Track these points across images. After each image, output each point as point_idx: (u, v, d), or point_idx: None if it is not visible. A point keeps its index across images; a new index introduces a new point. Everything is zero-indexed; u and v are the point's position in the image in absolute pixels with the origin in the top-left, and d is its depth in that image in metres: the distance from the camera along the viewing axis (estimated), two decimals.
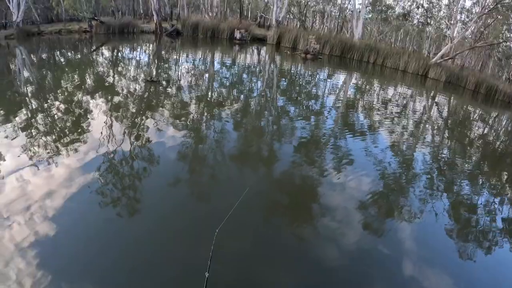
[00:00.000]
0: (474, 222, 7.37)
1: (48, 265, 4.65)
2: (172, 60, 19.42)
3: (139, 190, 6.68)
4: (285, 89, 15.79)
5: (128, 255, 5.14)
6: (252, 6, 45.86)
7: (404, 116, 13.83)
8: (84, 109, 10.11)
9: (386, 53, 24.89)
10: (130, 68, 16.42)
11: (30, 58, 17.15)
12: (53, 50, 19.36)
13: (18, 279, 4.37)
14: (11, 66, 15.38)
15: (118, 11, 33.40)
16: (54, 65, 16.04)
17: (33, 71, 14.51)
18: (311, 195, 7.28)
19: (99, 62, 17.01)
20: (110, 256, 5.07)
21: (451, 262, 6.12)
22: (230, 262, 5.13)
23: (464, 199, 8.22)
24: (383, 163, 9.06)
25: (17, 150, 7.48)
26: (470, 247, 6.54)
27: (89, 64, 16.43)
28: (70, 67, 15.67)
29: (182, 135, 9.07)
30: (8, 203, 5.78)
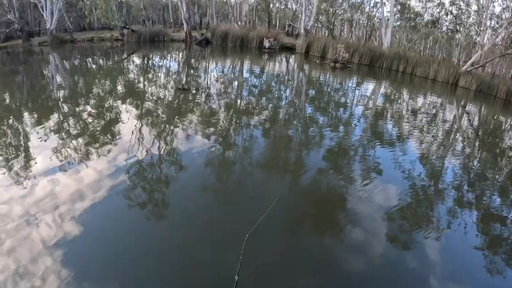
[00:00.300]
0: (505, 237, 6.85)
1: (73, 264, 4.64)
2: (202, 68, 19.35)
3: (166, 195, 6.61)
4: (314, 97, 15.46)
5: (155, 258, 5.06)
6: (280, 15, 45.83)
7: (433, 126, 13.29)
8: (115, 114, 10.03)
9: (415, 61, 24.07)
10: (160, 75, 16.42)
11: (63, 64, 17.39)
12: (85, 57, 19.62)
13: (43, 276, 4.39)
14: (45, 71, 15.61)
15: (149, 20, 33.89)
16: (86, 71, 16.18)
17: (65, 76, 14.66)
18: (338, 205, 7.05)
19: (130, 69, 17.09)
20: (136, 259, 5.00)
21: (479, 279, 5.72)
22: (256, 269, 4.97)
23: (494, 213, 7.65)
24: (412, 174, 8.66)
25: (48, 152, 7.54)
26: (500, 264, 6.07)
27: (121, 71, 16.53)
28: (102, 74, 15.79)
29: (211, 142, 8.89)
30: (37, 202, 5.83)
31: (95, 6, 26.38)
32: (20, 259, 4.66)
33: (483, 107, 18.81)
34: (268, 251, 5.40)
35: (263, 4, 37.31)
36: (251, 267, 4.75)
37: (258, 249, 5.23)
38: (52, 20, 22.58)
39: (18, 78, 13.82)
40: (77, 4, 28.02)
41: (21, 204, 5.80)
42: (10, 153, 7.49)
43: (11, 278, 4.38)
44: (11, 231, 5.17)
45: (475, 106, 18.92)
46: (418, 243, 6.20)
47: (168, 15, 36.26)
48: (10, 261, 4.62)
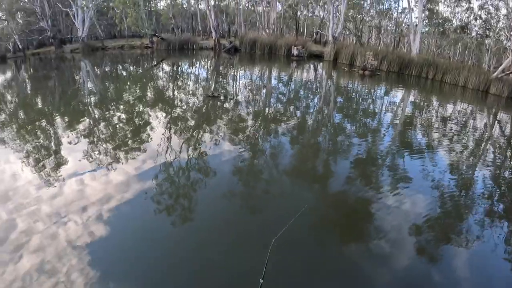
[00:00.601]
0: None
1: (98, 265, 4.65)
2: (231, 76, 19.28)
3: (193, 200, 6.55)
4: (342, 105, 15.13)
5: (181, 260, 5.04)
6: (308, 23, 45.62)
7: (463, 134, 12.79)
8: (144, 120, 9.98)
9: (445, 68, 23.24)
10: (190, 82, 16.42)
11: (94, 71, 17.65)
12: (115, 64, 19.89)
13: (68, 274, 4.44)
14: (76, 77, 15.84)
15: (178, 28, 34.28)
16: (117, 77, 16.35)
17: (96, 82, 14.82)
18: (365, 214, 6.83)
19: (159, 76, 17.18)
20: (162, 261, 4.98)
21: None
22: (280, 275, 4.85)
23: None
24: (441, 184, 8.28)
25: (78, 155, 7.55)
26: None
27: (150, 78, 16.62)
28: (132, 80, 15.91)
29: (239, 149, 8.72)
30: (66, 204, 5.87)
31: (125, 14, 26.80)
32: (46, 256, 4.69)
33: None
34: (292, 258, 5.29)
35: (291, 11, 37.20)
36: (275, 272, 4.64)
37: (283, 255, 5.10)
38: (84, 28, 23.05)
39: (50, 83, 14.05)
40: (108, 12, 28.56)
41: (51, 204, 5.83)
42: (42, 155, 7.51)
43: (37, 275, 4.41)
44: (39, 229, 5.22)
45: (507, 114, 18.20)
46: (446, 256, 5.96)
47: (196, 24, 36.59)
48: (37, 258, 4.66)
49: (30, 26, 23.26)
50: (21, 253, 4.75)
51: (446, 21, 35.88)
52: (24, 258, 4.65)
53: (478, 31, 34.51)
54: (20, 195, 6.07)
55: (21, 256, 4.69)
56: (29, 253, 4.73)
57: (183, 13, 38.88)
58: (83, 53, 21.44)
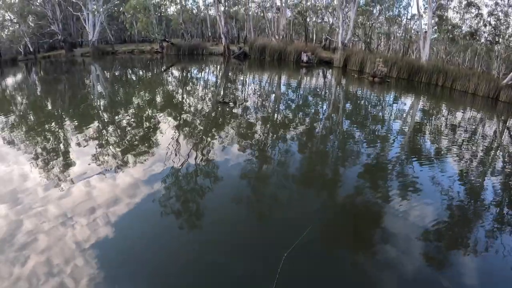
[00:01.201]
0: None
1: (104, 266, 4.69)
2: (241, 82, 19.28)
3: (200, 205, 6.53)
4: (352, 112, 15.03)
5: (186, 265, 5.03)
6: (317, 29, 45.58)
7: (473, 142, 12.65)
8: (153, 124, 9.99)
9: (454, 75, 23.09)
10: (200, 88, 16.45)
11: (104, 75, 17.75)
12: (125, 68, 20.01)
13: (73, 275, 4.46)
14: (86, 81, 15.93)
15: (188, 33, 34.43)
16: (126, 82, 16.42)
17: (106, 86, 14.89)
18: (374, 222, 6.80)
19: (169, 81, 17.24)
20: (167, 265, 4.99)
21: None
22: (288, 283, 4.80)
23: None
24: (450, 192, 8.20)
25: (87, 158, 7.58)
26: None
27: (160, 82, 16.68)
28: (141, 85, 15.97)
29: (248, 155, 8.68)
30: (74, 206, 5.89)
31: (136, 19, 27.02)
32: (53, 257, 4.72)
33: None
34: (300, 266, 5.23)
35: (300, 18, 37.25)
36: (283, 280, 4.65)
37: (291, 262, 5.05)
38: (94, 32, 23.24)
39: (60, 86, 14.14)
40: (119, 17, 28.85)
41: (58, 206, 5.86)
42: (50, 157, 7.54)
43: (43, 275, 4.43)
44: (46, 230, 5.25)
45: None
46: (454, 265, 5.88)
47: (206, 29, 36.80)
48: (44, 259, 4.68)
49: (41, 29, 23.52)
50: (27, 253, 4.77)
51: (455, 28, 35.70)
52: (30, 258, 4.67)
53: (488, 38, 34.27)
54: (28, 196, 6.09)
55: (27, 256, 4.70)
56: (36, 254, 4.75)
57: (193, 18, 39.10)
58: (93, 57, 21.62)
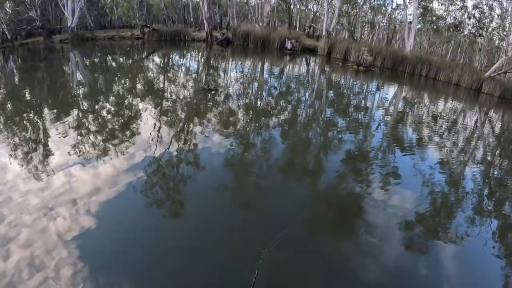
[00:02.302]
0: None
1: (87, 258, 4.73)
2: (224, 69, 19.25)
3: (183, 194, 6.62)
4: (340, 101, 15.26)
5: (170, 253, 5.14)
6: (301, 16, 45.55)
7: (454, 132, 13.00)
8: (134, 112, 9.97)
9: (438, 65, 23.75)
10: (182, 74, 16.40)
11: (83, 62, 17.52)
12: (105, 55, 19.76)
13: (57, 268, 4.49)
14: (65, 68, 15.72)
15: (170, 19, 34.07)
16: (106, 69, 16.25)
17: (85, 74, 14.73)
18: (355, 210, 6.99)
19: (151, 68, 17.10)
20: (150, 254, 5.06)
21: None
22: (271, 270, 4.94)
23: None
24: (431, 181, 8.49)
25: (67, 148, 7.56)
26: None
27: (141, 69, 16.55)
28: (122, 72, 15.83)
29: (231, 142, 8.83)
30: (55, 196, 5.90)
31: (116, 4, 26.60)
32: (36, 250, 4.74)
33: (506, 115, 18.44)
34: (282, 253, 5.35)
35: (284, 5, 37.12)
36: (266, 266, 4.81)
37: (273, 249, 5.21)
38: (73, 18, 22.80)
39: (38, 74, 13.93)
40: (98, 2, 28.28)
41: (39, 197, 5.85)
42: (29, 148, 7.49)
43: (27, 269, 4.45)
44: (28, 222, 5.25)
45: (498, 113, 18.52)
46: (435, 252, 6.13)
47: (188, 15, 36.40)
48: (26, 252, 4.69)
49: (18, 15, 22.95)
50: (9, 246, 4.78)
51: (440, 19, 36.04)
52: (13, 252, 4.68)
53: (471, 30, 34.78)
54: (7, 188, 6.07)
55: (9, 250, 4.71)
56: (18, 247, 4.76)
57: (175, 4, 38.58)
58: (73, 43, 21.25)
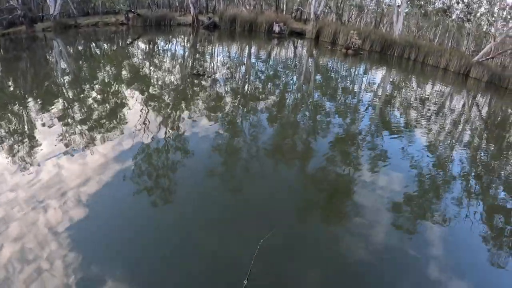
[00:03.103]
0: (509, 229, 6.93)
1: (79, 249, 4.77)
2: (212, 53, 19.15)
3: (172, 180, 6.70)
4: (329, 84, 15.39)
5: (161, 241, 5.21)
6: None
7: (442, 116, 13.26)
8: (120, 100, 9.98)
9: (427, 50, 24.01)
10: (168, 60, 16.31)
11: (67, 50, 17.33)
12: (89, 42, 19.53)
13: (50, 261, 4.51)
14: (48, 57, 15.55)
15: (154, 3, 33.61)
16: (91, 56, 16.10)
17: (69, 62, 14.59)
18: (344, 193, 7.16)
19: (136, 54, 16.98)
20: (141, 243, 5.12)
21: (482, 271, 5.81)
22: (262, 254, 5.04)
23: (500, 206, 7.70)
24: (419, 163, 8.72)
25: (53, 138, 7.57)
26: (504, 257, 6.14)
27: (126, 56, 16.43)
28: (107, 59, 15.70)
29: (220, 128, 8.95)
30: (43, 188, 5.92)
31: None
32: (27, 243, 4.76)
33: (493, 99, 18.79)
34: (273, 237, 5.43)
35: None
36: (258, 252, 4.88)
37: (264, 232, 5.33)
38: (56, 5, 22.42)
39: (21, 64, 13.77)
40: None
41: (28, 190, 5.86)
42: (15, 140, 7.49)
43: (19, 262, 4.49)
44: (18, 216, 5.26)
45: (485, 97, 18.83)
46: (423, 233, 6.32)
47: None
48: (17, 246, 4.72)
49: None
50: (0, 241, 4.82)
51: (428, 3, 36.03)
52: (4, 246, 4.72)
53: (460, 15, 34.89)
54: None
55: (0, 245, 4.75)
56: (9, 241, 4.80)
57: None
58: (55, 31, 20.94)
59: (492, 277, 5.73)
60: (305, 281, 4.85)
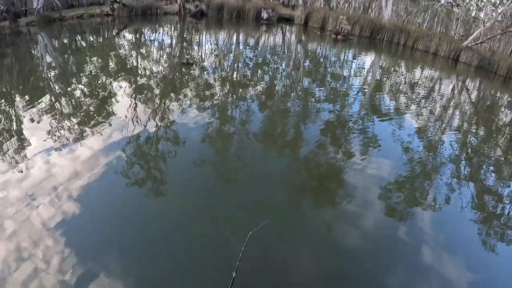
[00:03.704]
0: (499, 213, 7.11)
1: (73, 242, 4.85)
2: (200, 42, 19.08)
3: (164, 171, 6.79)
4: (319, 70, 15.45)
5: (153, 232, 5.30)
6: None
7: (432, 100, 13.46)
8: (109, 93, 10.00)
9: (416, 35, 24.17)
10: (156, 50, 16.22)
11: (52, 44, 17.13)
12: (75, 35, 19.32)
13: (45, 257, 4.58)
14: (33, 52, 15.37)
15: None
16: (77, 49, 15.95)
17: (55, 56, 14.45)
18: (336, 178, 7.28)
19: (123, 45, 16.85)
20: (135, 234, 5.24)
21: (472, 252, 5.99)
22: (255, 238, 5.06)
23: (489, 189, 7.88)
24: (409, 148, 8.91)
25: (42, 134, 7.57)
26: (494, 238, 6.35)
27: (113, 47, 16.29)
28: (93, 51, 15.56)
29: (212, 117, 9.07)
30: (35, 184, 5.96)
31: None
32: (21, 240, 4.82)
33: (482, 84, 19.06)
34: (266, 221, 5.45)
35: None
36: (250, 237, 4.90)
37: (257, 216, 5.45)
38: None
39: (6, 60, 13.61)
40: None
41: (18, 187, 5.89)
42: (4, 137, 7.47)
43: (14, 260, 4.54)
44: (10, 213, 5.30)
45: (474, 82, 19.09)
46: (414, 216, 6.48)
47: None
48: (12, 243, 4.77)
49: None
50: None
51: None
52: None
53: (449, 0, 34.94)
54: None
55: None
56: (3, 240, 4.84)
57: None
58: (40, 25, 20.65)
59: (479, 256, 5.91)
60: (297, 266, 4.99)
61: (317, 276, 4.96)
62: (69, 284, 4.27)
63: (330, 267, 5.14)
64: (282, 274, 4.88)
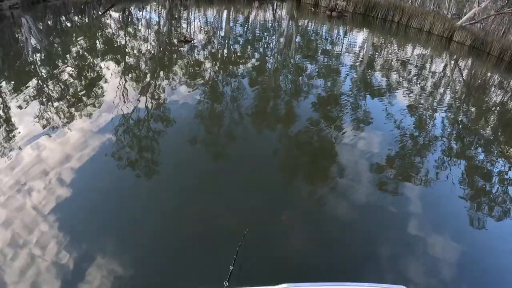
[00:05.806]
0: (488, 189, 7.35)
1: (67, 227, 4.94)
2: (192, 19, 19.00)
3: (155, 151, 6.94)
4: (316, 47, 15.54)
5: (147, 214, 5.39)
6: None
7: (424, 79, 13.66)
8: (98, 74, 10.04)
9: (411, 12, 24.37)
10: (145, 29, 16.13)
11: (37, 27, 16.96)
12: (60, 16, 19.12)
13: (39, 242, 4.66)
14: (18, 36, 15.23)
15: None
16: (62, 31, 15.81)
17: (40, 38, 14.33)
18: (328, 154, 7.49)
19: (109, 25, 16.73)
20: (129, 216, 5.36)
21: (460, 227, 6.20)
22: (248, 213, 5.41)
23: (478, 166, 8.16)
24: (401, 125, 9.14)
25: (30, 119, 7.60)
26: (482, 214, 6.59)
27: (99, 27, 16.16)
28: (79, 32, 15.42)
29: (206, 93, 9.27)
30: (26, 170, 6.01)
31: None
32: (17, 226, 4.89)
33: (475, 63, 19.32)
34: (260, 197, 5.81)
35: None
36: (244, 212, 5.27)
37: (250, 193, 5.73)
38: None
39: None
40: None
41: (10, 174, 5.92)
42: None
43: (9, 247, 4.60)
44: (3, 201, 5.33)
45: (467, 61, 19.33)
46: (404, 190, 6.72)
47: None
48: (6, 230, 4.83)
49: None
50: None
51: None
52: None
53: None
54: None
55: None
56: None
57: None
58: (23, 8, 20.36)
59: (466, 231, 6.18)
60: (292, 241, 5.14)
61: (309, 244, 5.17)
62: (65, 267, 4.38)
63: (321, 235, 5.36)
64: (274, 246, 5.04)
